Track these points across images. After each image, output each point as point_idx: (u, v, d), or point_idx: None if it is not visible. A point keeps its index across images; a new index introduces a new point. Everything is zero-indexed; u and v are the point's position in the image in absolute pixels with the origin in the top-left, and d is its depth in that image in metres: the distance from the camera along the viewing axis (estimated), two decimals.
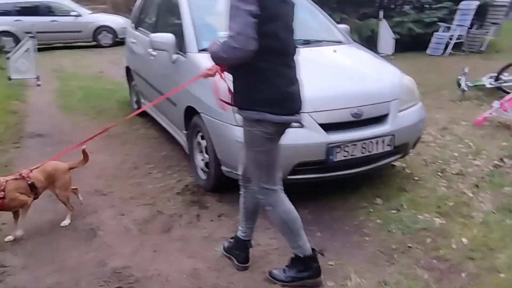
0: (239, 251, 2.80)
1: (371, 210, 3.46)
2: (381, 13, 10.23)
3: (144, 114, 5.88)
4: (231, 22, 2.21)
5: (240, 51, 2.19)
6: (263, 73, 2.33)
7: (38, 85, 8.27)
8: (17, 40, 12.49)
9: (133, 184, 4.01)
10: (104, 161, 4.49)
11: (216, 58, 2.37)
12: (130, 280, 2.69)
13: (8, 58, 8.17)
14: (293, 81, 2.45)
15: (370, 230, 3.20)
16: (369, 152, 3.40)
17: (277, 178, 2.55)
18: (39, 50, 8.69)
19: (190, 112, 3.88)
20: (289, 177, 3.33)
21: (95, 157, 4.60)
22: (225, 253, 2.90)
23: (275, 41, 2.32)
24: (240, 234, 2.80)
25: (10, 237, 3.11)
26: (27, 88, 8.14)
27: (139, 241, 3.11)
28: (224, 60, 2.34)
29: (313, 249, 2.62)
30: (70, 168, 3.38)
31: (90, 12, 15.16)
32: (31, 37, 8.39)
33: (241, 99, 2.42)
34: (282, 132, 2.48)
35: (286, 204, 2.55)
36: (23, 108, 6.74)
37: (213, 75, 2.48)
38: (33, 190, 3.13)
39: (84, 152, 3.39)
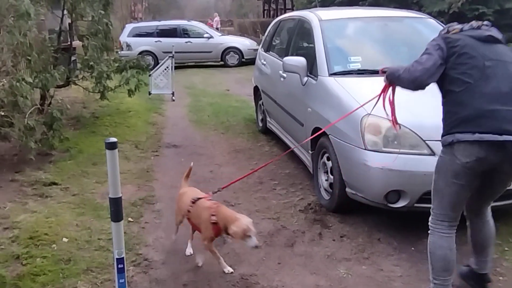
0: (474, 283, 2.75)
1: (506, 249, 3.23)
2: None
3: (268, 132, 6.17)
4: None
5: None
6: None
7: (173, 100, 9.12)
8: (155, 59, 13.95)
9: (258, 198, 4.23)
10: (232, 174, 4.79)
11: None
12: None
13: (150, 75, 9.11)
14: None
15: (504, 270, 3.00)
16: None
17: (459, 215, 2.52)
18: (174, 68, 9.56)
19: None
20: (416, 205, 3.29)
21: (223, 170, 5.00)
22: (462, 277, 2.83)
23: None
24: (474, 266, 2.74)
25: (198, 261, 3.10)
26: (164, 102, 9.00)
27: (264, 252, 3.28)
28: None
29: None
30: None
31: (220, 34, 16.31)
32: (170, 56, 9.29)
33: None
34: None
35: (442, 239, 2.48)
36: (160, 120, 7.48)
37: None
38: None
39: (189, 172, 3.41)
